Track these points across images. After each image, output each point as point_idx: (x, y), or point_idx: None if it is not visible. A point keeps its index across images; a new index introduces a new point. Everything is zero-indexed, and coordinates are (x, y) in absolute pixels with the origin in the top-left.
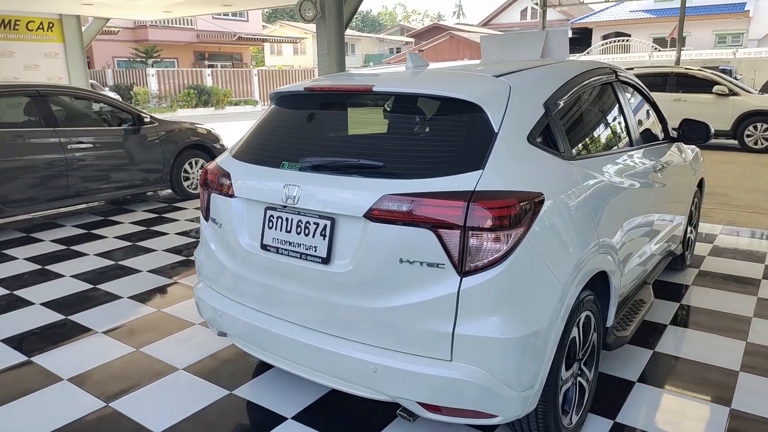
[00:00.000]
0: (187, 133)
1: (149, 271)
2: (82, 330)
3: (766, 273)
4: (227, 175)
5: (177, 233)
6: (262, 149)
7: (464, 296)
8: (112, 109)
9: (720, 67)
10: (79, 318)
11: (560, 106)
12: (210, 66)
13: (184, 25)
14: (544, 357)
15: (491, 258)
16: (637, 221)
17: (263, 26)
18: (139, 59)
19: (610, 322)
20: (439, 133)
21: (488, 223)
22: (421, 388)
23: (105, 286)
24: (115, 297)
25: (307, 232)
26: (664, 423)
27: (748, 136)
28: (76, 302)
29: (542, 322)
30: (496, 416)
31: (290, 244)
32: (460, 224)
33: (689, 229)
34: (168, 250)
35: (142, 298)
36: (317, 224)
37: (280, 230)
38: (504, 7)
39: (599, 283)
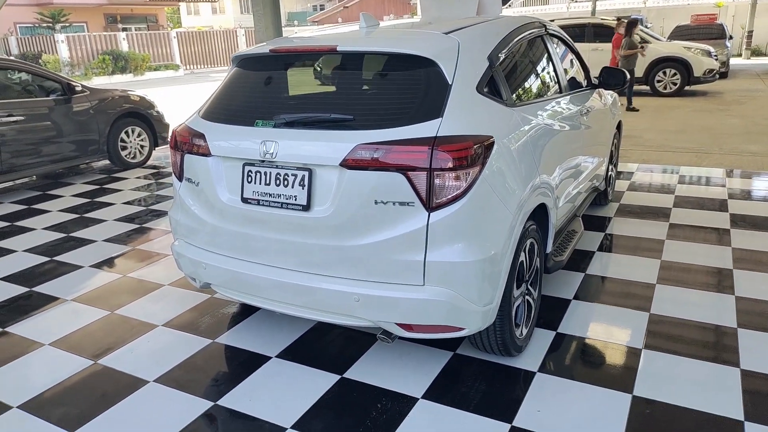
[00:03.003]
0: (120, 101)
1: (105, 241)
2: (50, 299)
3: (676, 202)
4: (201, 136)
5: (124, 203)
6: (232, 110)
7: (432, 229)
8: (39, 79)
9: (632, 17)
10: (44, 289)
11: (501, 59)
12: (124, 29)
13: None
14: (500, 277)
15: (453, 194)
16: (569, 160)
17: None
18: (45, 24)
19: (549, 248)
20: (400, 86)
21: (450, 164)
22: (400, 311)
23: (62, 258)
24: (76, 267)
25: (286, 183)
26: (596, 330)
27: (659, 81)
28: (36, 275)
29: (498, 246)
30: (463, 329)
31: (270, 195)
32: (426, 167)
33: (610, 167)
34: (119, 220)
35: (104, 265)
36: (296, 175)
37: (260, 183)
38: None
39: (539, 215)
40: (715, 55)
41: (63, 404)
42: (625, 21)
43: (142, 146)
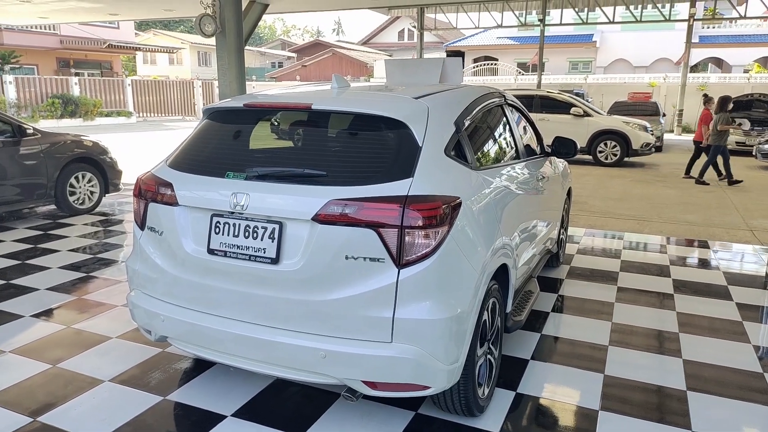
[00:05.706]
0: (71, 145)
1: (48, 289)
2: None
3: (622, 266)
4: (169, 185)
5: (70, 250)
6: (202, 160)
7: (402, 285)
8: None
9: (574, 91)
10: None
11: (466, 125)
12: (77, 74)
13: (46, 29)
14: (466, 335)
15: (423, 252)
16: (527, 223)
17: (136, 34)
18: None
19: (509, 308)
20: (372, 145)
21: (420, 223)
22: (366, 368)
23: (1, 306)
24: (16, 316)
25: (255, 235)
26: (554, 391)
27: (600, 151)
28: None
29: (464, 305)
30: (428, 387)
31: (238, 247)
32: (398, 224)
33: (561, 231)
34: (64, 267)
35: (47, 315)
36: (265, 228)
37: (228, 235)
38: (383, 27)
39: (500, 275)
40: (651, 130)
41: None
42: (714, 98)
43: (91, 192)
